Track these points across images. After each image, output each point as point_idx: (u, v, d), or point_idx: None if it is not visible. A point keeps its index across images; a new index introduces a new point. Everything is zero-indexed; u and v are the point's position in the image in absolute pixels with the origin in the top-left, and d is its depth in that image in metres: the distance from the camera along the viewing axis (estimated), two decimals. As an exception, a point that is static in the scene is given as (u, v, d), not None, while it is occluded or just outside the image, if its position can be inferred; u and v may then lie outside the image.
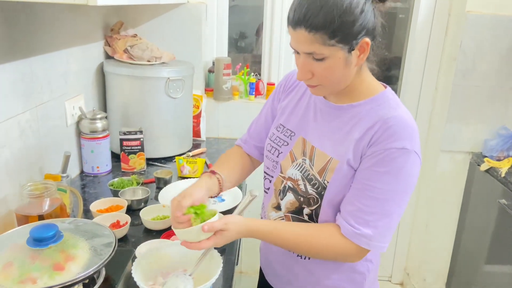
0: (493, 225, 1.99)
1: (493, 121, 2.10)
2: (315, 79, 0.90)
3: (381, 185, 0.87)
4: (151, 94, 1.74)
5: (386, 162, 0.86)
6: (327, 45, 0.83)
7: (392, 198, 0.87)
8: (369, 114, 0.92)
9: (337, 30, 0.82)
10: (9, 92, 1.18)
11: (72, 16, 1.54)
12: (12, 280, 0.77)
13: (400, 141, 0.86)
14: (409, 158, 0.86)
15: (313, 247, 0.93)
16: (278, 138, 1.05)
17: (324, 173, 0.94)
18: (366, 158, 0.89)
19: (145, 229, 1.28)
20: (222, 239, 0.89)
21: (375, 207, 0.87)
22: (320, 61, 0.86)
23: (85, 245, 0.87)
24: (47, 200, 1.13)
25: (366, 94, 0.95)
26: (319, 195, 0.95)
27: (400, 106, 0.93)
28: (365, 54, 0.88)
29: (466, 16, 1.97)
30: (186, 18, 2.03)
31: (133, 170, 1.69)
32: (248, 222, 0.93)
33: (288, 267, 1.08)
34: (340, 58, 0.85)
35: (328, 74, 0.88)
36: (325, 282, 1.04)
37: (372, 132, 0.89)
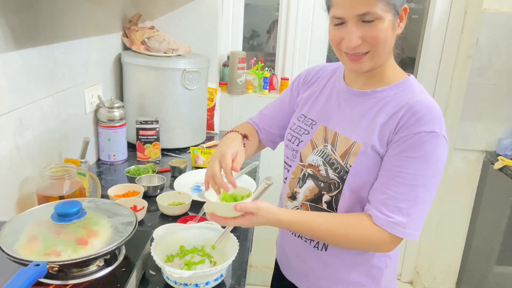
0: (505, 224, 1.98)
1: (507, 119, 2.09)
2: (365, 45, 0.87)
3: (412, 170, 0.85)
4: (167, 85, 1.76)
5: (416, 146, 0.85)
6: (381, 4, 0.84)
7: (423, 184, 0.86)
8: (394, 99, 0.92)
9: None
10: (33, 76, 1.21)
11: (92, 7, 1.57)
12: (37, 253, 0.79)
13: (428, 125, 0.85)
14: (438, 142, 0.85)
15: (345, 237, 0.91)
16: (299, 127, 1.06)
17: (347, 156, 0.94)
18: (394, 145, 0.88)
19: (161, 214, 1.30)
20: (249, 221, 0.90)
21: (407, 193, 0.86)
22: (370, 24, 0.85)
23: (107, 223, 0.89)
24: (67, 182, 1.16)
25: (390, 80, 0.95)
26: (340, 179, 0.95)
27: (424, 92, 0.93)
28: (403, 23, 0.89)
29: (483, 14, 1.96)
30: (203, 11, 2.05)
31: (148, 159, 1.72)
32: (279, 212, 0.91)
33: (304, 260, 1.07)
34: (390, 21, 0.86)
35: (378, 37, 0.86)
36: (341, 275, 1.02)
37: (398, 117, 0.88)
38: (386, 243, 0.89)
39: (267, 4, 2.61)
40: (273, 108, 1.19)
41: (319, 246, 1.03)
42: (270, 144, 1.22)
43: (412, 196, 0.86)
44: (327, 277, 1.04)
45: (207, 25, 2.06)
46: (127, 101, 1.83)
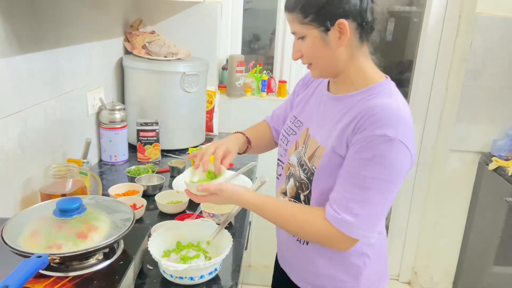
0: (501, 224, 2.00)
1: (502, 121, 2.12)
2: (305, 58, 0.98)
3: (365, 173, 0.87)
4: (167, 88, 1.81)
5: (369, 149, 0.86)
6: (303, 24, 0.93)
7: (375, 187, 0.87)
8: (359, 103, 0.93)
9: (306, 9, 0.91)
10: (37, 80, 1.26)
11: (94, 12, 1.63)
12: (39, 246, 0.84)
13: (382, 129, 0.85)
14: (392, 146, 0.85)
15: (294, 225, 0.96)
16: (289, 128, 1.13)
17: (312, 159, 0.99)
18: (352, 147, 0.90)
19: (159, 212, 1.34)
20: (212, 200, 1.01)
21: (358, 194, 0.88)
22: (302, 40, 0.95)
23: (106, 219, 0.94)
24: (70, 181, 1.21)
25: (362, 84, 0.96)
26: (308, 180, 1.00)
27: (393, 96, 0.92)
28: (345, 36, 0.90)
29: (477, 17, 2.00)
30: (202, 16, 2.10)
31: (148, 160, 1.76)
32: (241, 193, 0.99)
33: (291, 251, 1.13)
34: (316, 37, 0.93)
35: (311, 52, 0.95)
36: (322, 270, 1.06)
37: (357, 120, 0.90)
38: (335, 239, 0.92)
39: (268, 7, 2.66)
40: (281, 109, 1.28)
41: (301, 241, 1.07)
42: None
43: (363, 197, 0.88)
44: (310, 270, 1.08)
45: (206, 30, 2.11)
46: (128, 104, 1.88)
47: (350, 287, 1.06)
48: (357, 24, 0.91)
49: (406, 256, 2.60)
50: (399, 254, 2.62)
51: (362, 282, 1.05)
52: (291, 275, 1.16)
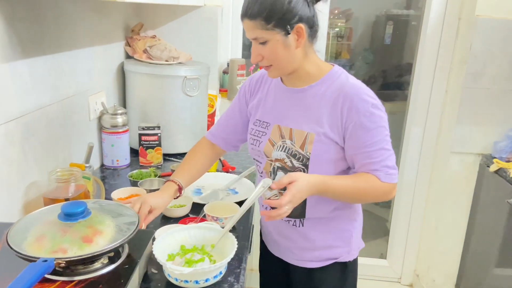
0: (503, 225, 2.00)
1: (502, 123, 2.13)
2: (265, 60, 1.08)
3: (377, 137, 1.07)
4: (168, 92, 1.82)
5: (371, 121, 1.06)
6: (266, 30, 1.03)
7: (386, 140, 1.09)
8: (328, 90, 1.10)
9: (270, 16, 1.01)
10: (39, 85, 1.26)
11: (95, 17, 1.63)
12: (44, 251, 0.84)
13: (367, 101, 1.06)
14: (379, 109, 1.08)
15: (367, 195, 1.13)
16: (257, 131, 1.22)
17: (304, 146, 1.11)
18: (354, 130, 1.07)
19: (163, 216, 1.34)
20: (295, 188, 1.00)
21: (384, 153, 1.08)
22: (263, 45, 1.05)
23: (111, 223, 0.93)
24: (73, 185, 1.21)
25: (318, 74, 1.13)
26: (304, 165, 1.12)
27: (349, 77, 1.12)
28: (302, 38, 1.05)
29: (476, 20, 2.01)
30: (203, 20, 2.11)
31: (150, 164, 1.76)
32: (316, 176, 1.08)
33: (286, 236, 1.25)
34: (278, 41, 1.04)
35: (273, 55, 1.06)
36: (319, 243, 1.21)
37: (339, 106, 1.08)
38: (392, 190, 1.12)
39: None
40: (226, 117, 1.35)
41: (296, 224, 1.21)
42: (232, 148, 1.37)
43: (387, 153, 1.09)
44: (307, 247, 1.23)
45: (207, 34, 2.12)
46: (130, 108, 1.88)
47: (344, 251, 1.22)
48: (308, 27, 1.06)
49: (408, 259, 2.60)
50: (400, 257, 2.62)
51: (352, 244, 1.23)
52: (288, 259, 1.28)
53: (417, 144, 2.42)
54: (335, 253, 1.22)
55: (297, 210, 1.17)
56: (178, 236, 1.09)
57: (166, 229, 1.17)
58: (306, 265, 1.24)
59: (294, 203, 1.01)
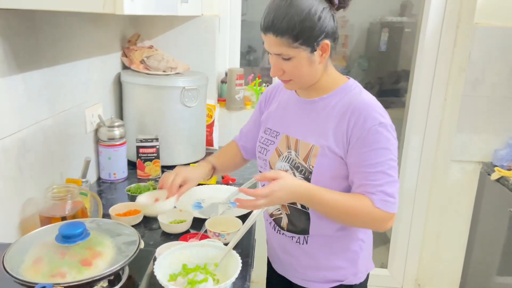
0: (505, 234, 1.99)
1: (502, 131, 2.12)
2: (286, 75, 1.05)
3: (380, 159, 1.01)
4: (166, 103, 1.79)
5: (374, 139, 1.00)
6: (292, 47, 0.99)
7: (391, 165, 1.02)
8: (338, 103, 1.06)
9: (298, 35, 0.97)
10: (36, 99, 1.23)
11: (92, 28, 1.60)
12: (42, 275, 0.80)
13: (375, 119, 1.01)
14: (387, 129, 1.01)
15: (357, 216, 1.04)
16: (266, 139, 1.20)
17: (308, 159, 1.07)
18: (356, 146, 1.02)
19: (162, 232, 1.31)
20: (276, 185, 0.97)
21: (385, 178, 1.01)
22: (287, 60, 1.02)
23: (110, 243, 0.90)
24: (69, 202, 1.17)
25: (332, 86, 1.09)
26: (306, 179, 1.08)
27: (362, 91, 1.08)
28: (327, 54, 1.03)
29: (475, 28, 2.01)
30: (200, 30, 2.09)
31: (148, 177, 1.73)
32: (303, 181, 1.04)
33: (290, 254, 1.20)
34: (304, 58, 1.01)
35: (296, 71, 1.03)
36: (323, 263, 1.16)
37: (346, 119, 1.03)
38: (386, 220, 1.03)
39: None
40: (248, 127, 1.36)
41: (300, 241, 1.16)
42: (253, 157, 1.35)
43: (388, 179, 1.01)
44: (311, 266, 1.17)
45: (204, 43, 2.10)
46: (127, 120, 1.85)
47: (350, 273, 1.17)
48: (333, 41, 1.03)
49: (409, 268, 2.57)
50: (401, 266, 2.59)
51: (359, 266, 1.17)
52: (291, 278, 1.23)
53: (417, 152, 2.40)
54: (341, 275, 1.17)
55: (300, 225, 1.14)
56: (179, 255, 1.05)
57: (167, 247, 1.14)
58: (310, 285, 1.19)
59: (271, 199, 0.97)
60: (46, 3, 0.94)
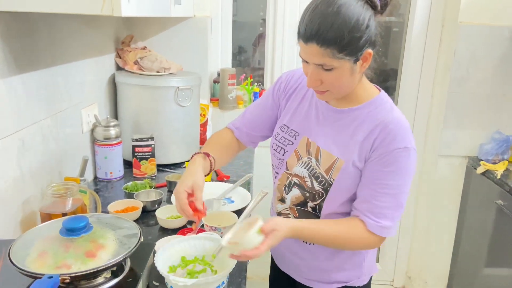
0: (491, 225, 2.06)
1: (487, 126, 2.19)
2: (324, 86, 0.99)
3: (392, 182, 0.99)
4: (161, 103, 1.82)
5: (393, 161, 0.98)
6: (336, 58, 0.92)
7: (401, 191, 1.00)
8: (368, 117, 1.02)
9: (346, 45, 0.90)
10: (34, 99, 1.26)
11: (86, 29, 1.63)
12: (48, 267, 0.84)
13: (401, 142, 0.98)
14: (410, 155, 0.98)
15: (345, 243, 1.04)
16: (283, 138, 1.15)
17: (330, 171, 1.04)
18: (374, 161, 0.99)
19: (160, 227, 1.34)
20: (274, 239, 0.94)
21: (390, 202, 0.99)
22: (328, 71, 0.95)
23: (112, 236, 0.94)
24: (69, 199, 1.20)
25: (364, 98, 1.05)
26: (325, 190, 1.06)
27: (394, 108, 1.04)
28: (367, 63, 0.97)
29: (459, 26, 2.07)
30: (192, 31, 2.13)
31: (144, 176, 1.76)
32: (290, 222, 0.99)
33: (295, 253, 1.19)
34: (347, 69, 0.95)
35: (336, 82, 0.97)
36: (328, 265, 1.15)
37: (374, 135, 0.99)
38: (374, 243, 1.04)
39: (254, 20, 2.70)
40: (255, 113, 1.26)
41: (307, 241, 1.14)
42: (251, 144, 1.29)
43: (394, 203, 1.00)
44: (316, 267, 1.17)
45: (197, 44, 2.14)
46: (122, 120, 1.88)
47: (354, 276, 1.16)
48: (373, 50, 0.96)
49: (400, 261, 2.63)
50: (392, 260, 2.65)
51: (364, 269, 1.17)
52: (295, 276, 1.22)
53: (405, 148, 2.46)
54: (345, 277, 1.15)
55: None
56: (178, 248, 1.09)
57: (166, 241, 1.17)
58: (314, 285, 1.18)
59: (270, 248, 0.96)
60: (46, 5, 0.96)
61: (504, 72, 2.12)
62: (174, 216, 1.36)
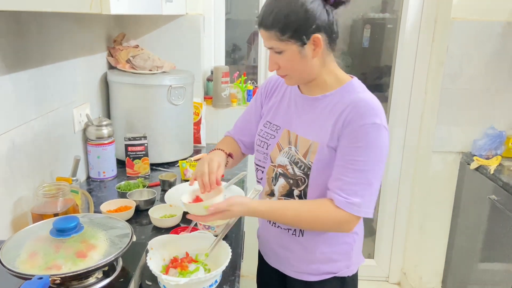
0: (485, 220, 2.06)
1: (481, 122, 2.19)
2: (281, 70, 1.07)
3: (360, 158, 1.00)
4: (153, 102, 1.81)
5: (362, 137, 1.00)
6: (281, 41, 1.01)
7: (371, 169, 1.01)
8: (340, 101, 1.07)
9: (285, 28, 0.99)
10: (24, 99, 1.25)
11: (77, 28, 1.62)
12: (38, 268, 0.83)
13: (370, 118, 1.00)
14: (379, 131, 1.00)
15: (311, 220, 1.06)
16: (266, 133, 1.20)
17: (307, 155, 1.09)
18: (344, 138, 1.03)
19: (154, 227, 1.34)
20: (224, 216, 1.03)
21: (359, 178, 1.00)
22: (280, 54, 1.04)
23: (103, 236, 0.93)
24: (61, 200, 1.19)
25: (336, 84, 1.10)
26: (305, 175, 1.10)
27: (366, 90, 1.08)
28: (319, 48, 1.02)
29: (452, 23, 2.08)
30: (185, 29, 2.11)
31: (137, 175, 1.75)
32: (251, 203, 1.06)
33: (285, 246, 1.21)
34: (294, 52, 1.02)
35: (289, 65, 1.05)
36: (318, 255, 1.17)
37: (345, 115, 1.03)
38: (346, 222, 1.03)
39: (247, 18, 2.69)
40: (243, 120, 1.34)
41: (296, 233, 1.17)
42: (249, 151, 1.35)
43: (364, 180, 1.01)
44: (306, 259, 1.19)
45: (190, 42, 2.13)
46: (115, 119, 1.87)
47: (344, 266, 1.19)
48: (327, 36, 1.03)
49: (395, 258, 2.64)
50: (387, 256, 2.66)
51: (352, 258, 1.20)
52: (285, 270, 1.24)
53: (399, 144, 2.47)
54: (334, 267, 1.18)
55: None
56: (171, 247, 1.08)
57: (158, 240, 1.17)
58: (304, 277, 1.20)
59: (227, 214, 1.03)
60: (33, 4, 0.95)
61: (497, 68, 2.13)
62: (168, 215, 1.36)
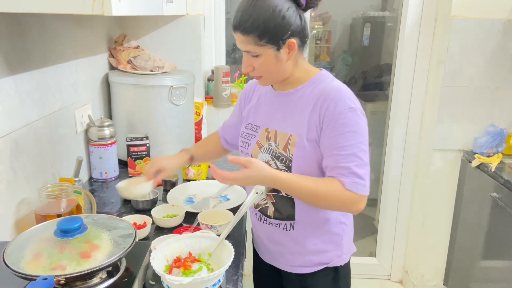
0: (486, 218, 2.07)
1: (481, 119, 2.20)
2: (256, 71, 1.11)
3: (349, 142, 1.05)
4: (155, 102, 1.82)
5: (344, 123, 1.05)
6: (258, 45, 1.04)
7: (360, 149, 1.06)
8: (312, 92, 1.12)
9: (263, 33, 1.02)
10: (26, 101, 1.25)
11: (78, 29, 1.62)
12: (43, 268, 0.83)
13: (344, 104, 1.06)
14: (356, 114, 1.06)
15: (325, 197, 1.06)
16: (247, 134, 1.25)
17: (287, 148, 1.13)
18: (327, 130, 1.07)
19: (156, 227, 1.34)
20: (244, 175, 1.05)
21: (355, 160, 1.05)
22: (256, 57, 1.07)
23: (107, 236, 0.94)
24: (64, 200, 1.20)
25: (305, 78, 1.15)
26: (287, 167, 1.13)
27: (334, 80, 1.14)
28: (293, 51, 1.07)
29: (452, 21, 2.08)
30: (186, 29, 2.12)
31: (140, 175, 1.75)
32: (268, 168, 1.07)
33: (277, 242, 1.25)
34: (270, 55, 1.06)
35: (264, 68, 1.09)
36: (309, 247, 1.21)
37: (318, 107, 1.08)
38: (356, 202, 1.06)
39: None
40: (231, 121, 1.41)
41: (287, 228, 1.21)
42: (232, 148, 1.44)
43: (359, 161, 1.06)
44: (298, 252, 1.22)
45: (190, 42, 2.13)
46: (116, 119, 1.87)
47: (335, 256, 1.23)
48: (300, 39, 1.08)
49: (396, 256, 2.65)
50: (389, 254, 2.66)
51: (343, 248, 1.24)
52: (279, 265, 1.28)
53: (400, 142, 2.47)
54: (326, 258, 1.22)
55: (286, 212, 1.19)
56: (174, 247, 1.09)
57: (161, 240, 1.17)
58: (298, 270, 1.24)
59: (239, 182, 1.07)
60: (35, 6, 0.96)
61: (497, 65, 2.13)
62: (170, 215, 1.36)
